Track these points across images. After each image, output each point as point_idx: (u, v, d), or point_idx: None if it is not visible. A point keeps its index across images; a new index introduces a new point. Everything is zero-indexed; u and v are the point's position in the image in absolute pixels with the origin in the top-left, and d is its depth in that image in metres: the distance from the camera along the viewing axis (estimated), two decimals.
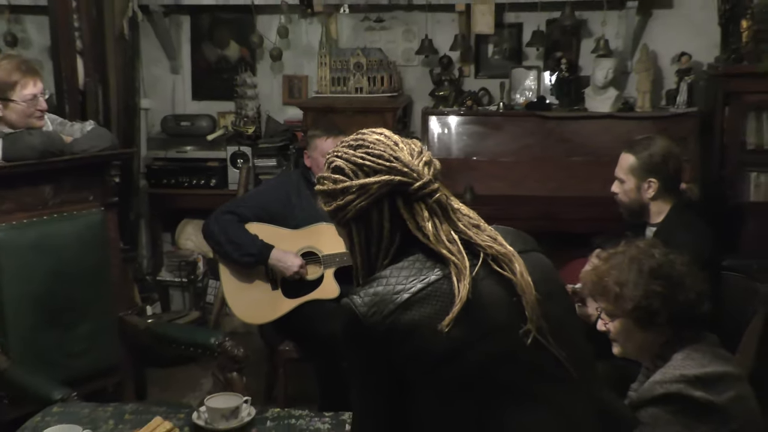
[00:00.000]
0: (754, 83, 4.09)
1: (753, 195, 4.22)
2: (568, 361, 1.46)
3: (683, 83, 4.39)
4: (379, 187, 1.47)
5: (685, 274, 1.99)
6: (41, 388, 2.50)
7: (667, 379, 1.88)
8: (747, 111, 4.19)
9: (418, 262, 1.47)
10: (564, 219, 4.05)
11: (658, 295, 1.95)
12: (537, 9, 4.54)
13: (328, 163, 1.56)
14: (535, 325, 1.42)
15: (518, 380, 1.43)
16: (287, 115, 4.96)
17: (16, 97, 2.94)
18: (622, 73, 4.58)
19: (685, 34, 4.50)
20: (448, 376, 1.41)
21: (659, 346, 2.00)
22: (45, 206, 2.94)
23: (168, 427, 1.97)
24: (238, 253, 3.49)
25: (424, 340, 1.40)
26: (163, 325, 3.40)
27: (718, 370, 1.91)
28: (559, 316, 1.50)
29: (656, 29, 4.59)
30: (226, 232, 3.50)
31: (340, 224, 1.56)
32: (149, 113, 5.05)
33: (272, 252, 3.48)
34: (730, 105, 4.18)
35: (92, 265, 3.02)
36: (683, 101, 4.38)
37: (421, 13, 4.74)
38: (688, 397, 1.85)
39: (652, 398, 1.89)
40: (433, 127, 4.54)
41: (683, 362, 1.92)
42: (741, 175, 4.21)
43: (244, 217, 3.56)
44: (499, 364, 1.42)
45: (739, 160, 4.20)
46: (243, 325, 4.60)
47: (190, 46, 5.09)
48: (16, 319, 2.80)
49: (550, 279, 1.54)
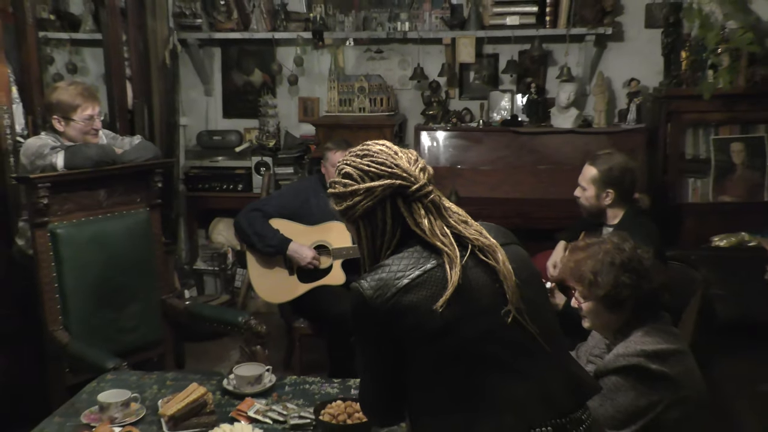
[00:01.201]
0: (691, 104, 4.09)
1: (691, 197, 4.23)
2: (541, 336, 1.45)
3: (633, 104, 4.38)
4: (383, 189, 1.47)
5: (650, 268, 1.98)
6: (96, 358, 2.50)
7: (629, 353, 1.87)
8: (685, 127, 4.19)
9: (416, 253, 1.46)
10: (533, 217, 4.04)
11: (626, 286, 1.93)
12: (511, 42, 4.54)
13: (339, 170, 1.55)
14: (514, 306, 1.43)
15: (500, 352, 1.42)
16: (302, 131, 4.94)
17: (77, 117, 2.93)
18: (581, 96, 4.56)
19: (634, 62, 4.49)
20: (440, 348, 1.42)
21: (622, 323, 1.99)
22: (100, 207, 2.92)
23: (202, 392, 1.96)
24: (262, 244, 3.50)
25: (421, 317, 1.41)
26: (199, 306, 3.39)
27: (671, 347, 1.90)
28: (534, 299, 1.49)
29: (610, 59, 4.58)
30: (253, 226, 3.52)
31: (349, 221, 1.55)
32: (187, 129, 5.04)
33: (290, 244, 3.48)
34: (672, 122, 4.18)
35: (139, 256, 3.01)
36: (633, 119, 4.37)
37: (414, 46, 4.72)
38: (646, 368, 1.84)
39: (615, 368, 1.88)
40: (424, 141, 4.53)
41: (642, 338, 1.91)
42: (680, 180, 4.21)
43: (269, 214, 3.58)
44: (484, 339, 1.42)
45: (679, 168, 4.20)
46: (265, 305, 4.60)
47: (221, 73, 5.08)
48: (75, 302, 2.79)
49: (526, 267, 1.53)
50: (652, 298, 1.97)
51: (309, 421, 1.95)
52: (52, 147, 2.85)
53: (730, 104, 4.06)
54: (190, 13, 4.75)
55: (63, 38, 4.48)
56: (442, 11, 4.58)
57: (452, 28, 4.56)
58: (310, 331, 3.61)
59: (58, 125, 2.94)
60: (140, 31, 4.19)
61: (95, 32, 4.36)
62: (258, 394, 2.13)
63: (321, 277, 3.56)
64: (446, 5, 4.58)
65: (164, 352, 3.08)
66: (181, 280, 4.70)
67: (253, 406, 2.04)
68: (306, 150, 4.75)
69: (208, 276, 5.01)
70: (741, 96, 4.03)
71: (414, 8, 4.62)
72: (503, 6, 4.46)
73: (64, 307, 2.77)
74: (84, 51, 4.67)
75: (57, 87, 3.02)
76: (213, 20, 4.80)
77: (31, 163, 2.84)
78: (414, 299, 1.41)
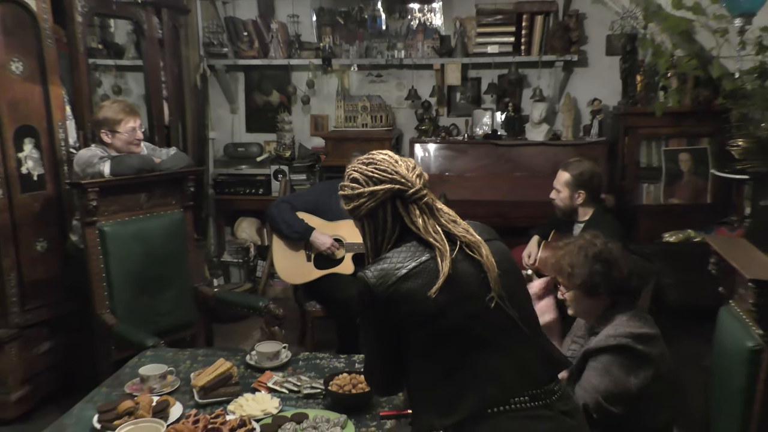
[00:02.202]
0: (645, 120, 4.08)
1: (645, 199, 4.21)
2: (520, 320, 1.45)
3: (595, 120, 4.38)
4: (384, 192, 1.48)
5: (618, 257, 1.96)
6: (138, 337, 2.50)
7: (618, 334, 1.85)
8: (640, 140, 4.18)
9: (413, 247, 1.47)
10: (510, 216, 4.02)
11: (599, 273, 1.92)
12: (491, 67, 4.54)
13: (347, 175, 1.56)
14: (496, 293, 1.42)
15: (484, 333, 1.42)
16: (313, 143, 4.93)
17: (121, 129, 2.93)
18: (552, 113, 4.55)
19: (596, 85, 4.48)
20: (433, 330, 1.42)
21: (603, 309, 1.97)
22: (140, 208, 2.93)
23: (228, 366, 1.96)
24: (289, 230, 3.51)
25: (416, 303, 1.41)
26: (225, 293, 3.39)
27: (651, 331, 1.88)
28: (514, 288, 1.49)
29: (576, 81, 4.57)
30: (282, 214, 3.53)
31: (355, 219, 1.56)
32: (215, 142, 5.02)
33: (313, 232, 3.49)
34: (629, 135, 4.16)
35: (174, 250, 3.01)
36: (595, 133, 4.37)
37: (408, 71, 4.72)
38: (633, 348, 1.82)
39: (606, 347, 1.85)
40: (417, 152, 4.52)
41: (628, 322, 1.88)
42: (636, 185, 4.20)
43: (295, 207, 3.60)
44: (471, 321, 1.42)
45: (635, 174, 4.19)
46: (283, 291, 4.60)
47: (244, 94, 5.06)
48: (120, 289, 2.79)
49: (507, 260, 1.53)
50: (625, 285, 1.95)
51: (319, 390, 1.95)
52: (100, 157, 2.85)
53: (678, 120, 4.06)
54: (217, 42, 4.75)
55: (109, 64, 4.48)
56: (433, 41, 4.57)
57: (441, 55, 4.56)
58: (320, 313, 3.61)
59: (106, 138, 2.94)
60: (175, 58, 4.19)
61: (137, 59, 4.35)
62: (276, 368, 2.13)
63: (334, 266, 3.56)
64: (436, 36, 4.58)
65: (195, 332, 3.08)
66: (210, 271, 4.71)
67: (272, 378, 2.04)
68: (317, 159, 4.75)
69: (233, 267, 5.01)
70: (687, 113, 4.02)
71: (409, 39, 4.62)
72: (485, 36, 4.45)
73: (110, 293, 2.77)
74: (127, 75, 4.66)
75: (103, 106, 3.03)
76: (237, 49, 4.80)
77: (83, 171, 2.84)
78: (411, 287, 1.41)
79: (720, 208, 3.99)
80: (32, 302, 3.12)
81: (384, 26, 4.69)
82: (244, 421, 1.69)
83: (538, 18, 4.37)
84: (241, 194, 4.79)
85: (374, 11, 4.68)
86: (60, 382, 3.25)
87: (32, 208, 3.10)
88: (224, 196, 4.84)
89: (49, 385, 3.22)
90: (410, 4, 4.66)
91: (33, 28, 3.04)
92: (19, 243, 3.06)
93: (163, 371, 2.01)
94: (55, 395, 3.21)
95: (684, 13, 3.38)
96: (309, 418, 1.76)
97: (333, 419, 1.76)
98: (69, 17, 3.22)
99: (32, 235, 3.12)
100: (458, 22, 4.56)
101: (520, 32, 4.40)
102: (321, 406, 1.88)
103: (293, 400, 1.91)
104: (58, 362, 3.27)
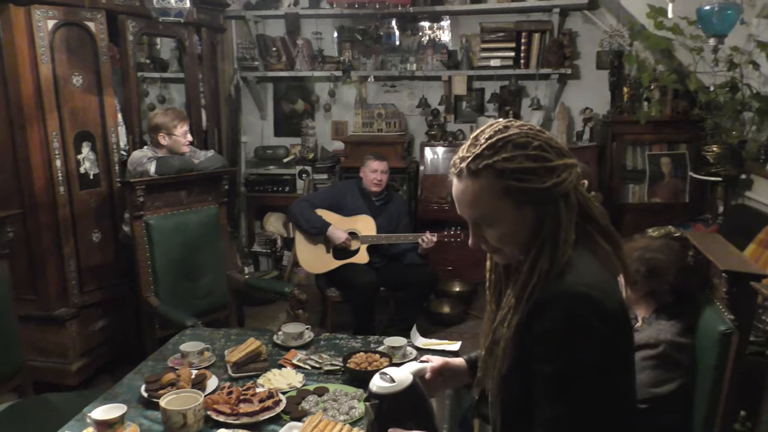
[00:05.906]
0: (630, 128, 4.06)
1: (631, 198, 4.19)
2: None
3: (587, 127, 4.35)
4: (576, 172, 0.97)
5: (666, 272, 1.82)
6: (179, 318, 2.52)
7: (660, 339, 1.71)
8: (626, 145, 4.15)
9: (586, 249, 1.00)
10: None
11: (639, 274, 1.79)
12: (494, 79, 4.53)
13: (507, 140, 0.99)
14: None
15: None
16: (334, 147, 4.94)
17: (177, 132, 2.98)
18: (548, 120, 4.53)
19: (588, 95, 4.45)
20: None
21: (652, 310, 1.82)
22: (181, 204, 2.95)
23: (258, 344, 1.97)
24: (308, 225, 3.52)
25: (628, 317, 0.98)
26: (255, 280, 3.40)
27: (689, 341, 1.73)
28: None
29: (570, 92, 4.54)
30: (302, 211, 3.54)
31: (539, 203, 0.97)
32: (246, 145, 5.04)
33: (329, 228, 3.49)
34: (616, 141, 4.14)
35: (210, 241, 3.03)
36: (587, 138, 4.34)
37: (420, 82, 4.71)
38: (669, 355, 1.70)
39: (646, 344, 1.72)
40: (427, 155, 4.52)
41: (671, 329, 1.74)
42: (622, 186, 4.17)
43: (315, 204, 3.60)
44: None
45: (621, 176, 4.16)
46: (306, 278, 4.62)
47: (273, 102, 5.08)
48: (163, 275, 2.82)
49: None
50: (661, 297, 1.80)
51: (338, 367, 1.96)
52: (148, 158, 2.89)
53: (660, 128, 4.03)
54: (249, 57, 4.77)
55: (155, 77, 4.51)
56: (441, 55, 4.56)
57: (449, 68, 4.55)
58: (339, 298, 3.63)
59: (163, 140, 2.98)
60: (212, 71, 4.21)
61: (179, 72, 4.37)
62: (300, 347, 2.13)
63: (350, 257, 3.57)
64: (444, 51, 4.56)
65: (229, 314, 3.10)
66: (242, 260, 4.73)
67: (296, 355, 2.05)
68: (337, 161, 4.75)
69: (262, 256, 5.03)
70: (668, 122, 4.01)
71: (420, 53, 4.61)
72: (488, 51, 4.44)
73: (154, 278, 2.80)
74: (170, 86, 4.68)
75: (158, 113, 3.06)
76: (267, 62, 4.81)
77: (134, 169, 2.88)
78: (622, 297, 0.94)
79: (697, 207, 3.97)
80: (89, 285, 3.17)
81: (398, 42, 4.68)
82: (272, 393, 1.71)
83: (536, 35, 4.35)
84: (269, 192, 4.81)
85: (389, 29, 4.67)
86: (113, 355, 3.30)
87: (89, 203, 3.15)
88: (254, 193, 4.86)
89: (104, 358, 3.28)
90: (421, 22, 4.65)
91: (92, 46, 3.08)
92: (78, 234, 3.11)
93: (200, 348, 2.02)
94: (109, 366, 3.26)
95: (665, 33, 3.38)
96: (329, 392, 1.78)
97: (350, 393, 1.77)
98: (122, 37, 3.25)
99: (89, 227, 3.16)
100: (464, 38, 4.54)
101: (520, 48, 4.38)
102: (340, 381, 1.88)
103: (315, 376, 1.92)
104: (111, 338, 3.32)
